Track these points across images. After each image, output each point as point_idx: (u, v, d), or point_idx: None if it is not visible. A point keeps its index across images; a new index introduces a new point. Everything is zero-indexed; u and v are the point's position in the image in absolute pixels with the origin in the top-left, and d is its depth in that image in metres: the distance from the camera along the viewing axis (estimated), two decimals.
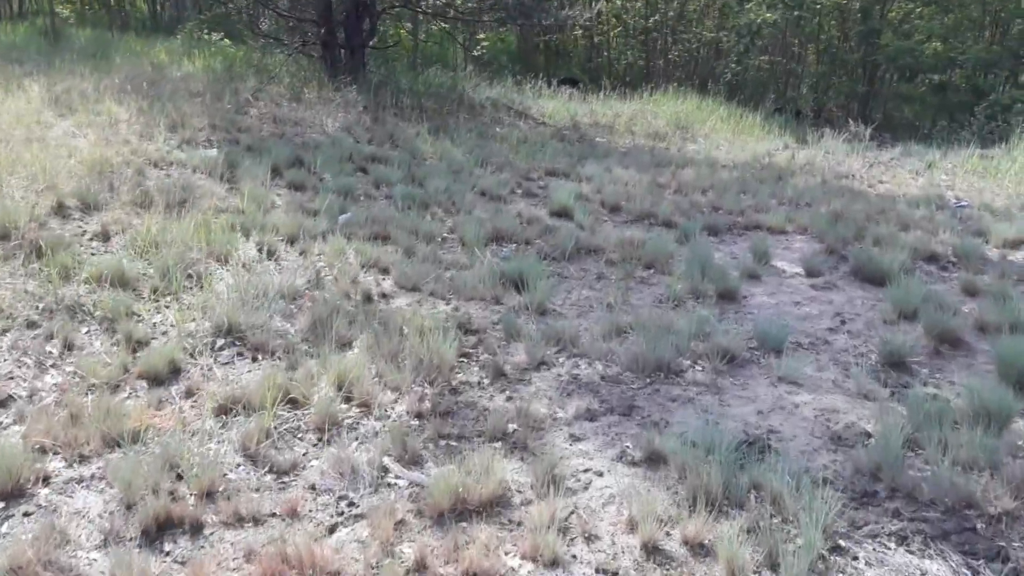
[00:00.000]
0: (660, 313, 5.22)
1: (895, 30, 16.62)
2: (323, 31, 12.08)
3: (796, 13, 15.46)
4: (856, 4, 16.68)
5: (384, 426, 3.69)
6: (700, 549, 2.96)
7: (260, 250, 5.72)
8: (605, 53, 19.54)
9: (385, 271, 5.63)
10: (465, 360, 4.35)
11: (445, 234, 6.63)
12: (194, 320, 4.53)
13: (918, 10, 16.79)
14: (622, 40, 19.50)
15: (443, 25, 14.59)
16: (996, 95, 14.36)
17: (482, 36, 16.00)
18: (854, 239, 7.12)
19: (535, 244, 6.54)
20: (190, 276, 5.11)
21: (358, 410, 3.81)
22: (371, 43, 12.95)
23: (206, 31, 15.12)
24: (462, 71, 15.03)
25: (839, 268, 6.45)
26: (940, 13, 16.23)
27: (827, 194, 8.87)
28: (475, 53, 15.74)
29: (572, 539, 2.99)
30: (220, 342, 4.33)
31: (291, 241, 5.99)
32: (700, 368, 4.46)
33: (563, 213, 7.46)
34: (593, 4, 17.67)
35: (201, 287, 4.97)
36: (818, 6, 15.39)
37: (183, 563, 2.82)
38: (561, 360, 4.46)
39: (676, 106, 14.27)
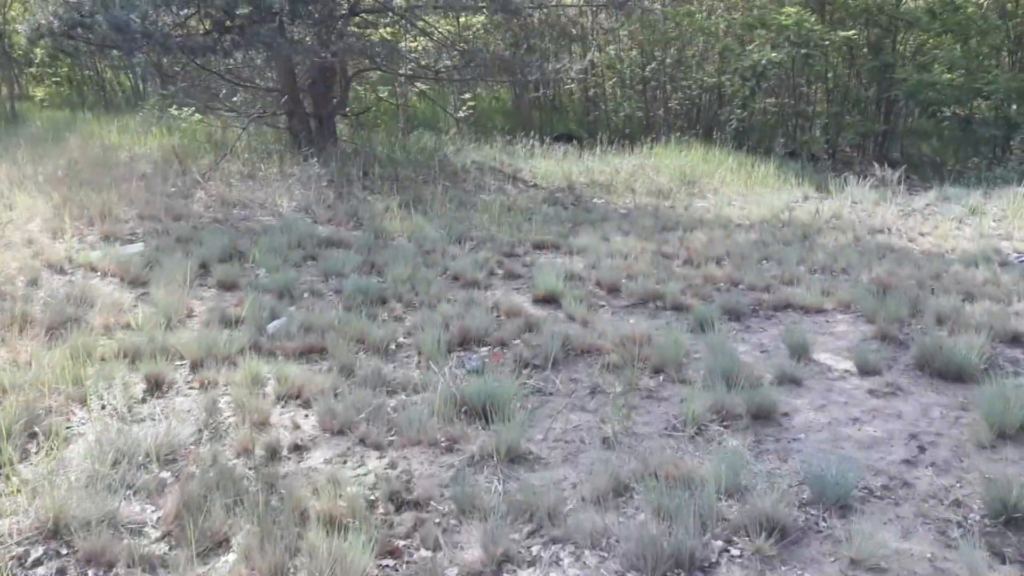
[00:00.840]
0: (675, 450, 3.86)
1: (910, 63, 15.46)
2: (286, 99, 11.01)
3: (803, 51, 14.34)
4: (865, 39, 15.57)
5: None
6: None
7: (149, 385, 4.42)
8: (602, 106, 18.50)
9: (307, 404, 4.30)
10: (389, 567, 2.98)
11: (401, 338, 5.33)
12: (14, 515, 3.20)
13: (931, 40, 15.65)
14: (619, 91, 18.47)
15: (421, 87, 13.53)
16: None
17: (468, 96, 14.95)
18: (910, 317, 5.76)
19: (513, 347, 5.21)
20: (34, 436, 3.80)
21: None
22: (342, 110, 11.87)
23: (173, 105, 14.17)
24: (446, 134, 13.93)
25: (899, 359, 5.07)
26: (958, 42, 15.07)
27: (864, 255, 7.54)
28: (461, 113, 14.66)
29: None
30: (37, 553, 2.99)
31: (195, 367, 4.70)
32: (737, 554, 3.07)
33: (550, 299, 6.16)
34: (584, 56, 16.69)
35: (48, 452, 3.66)
36: (826, 42, 14.28)
37: None
38: (534, 551, 3.08)
39: (680, 159, 13.07)
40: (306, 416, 4.22)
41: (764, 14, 15.39)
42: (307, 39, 9.97)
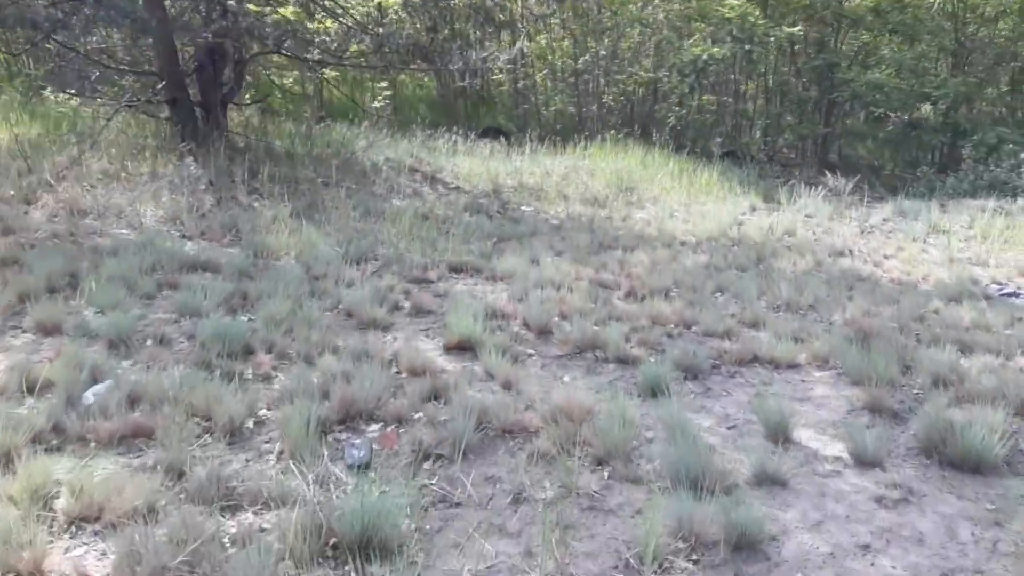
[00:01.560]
0: None
1: (855, 63, 14.80)
2: (166, 85, 9.47)
3: (747, 47, 13.48)
4: (808, 36, 14.82)
5: None
6: None
7: None
8: (532, 99, 17.36)
9: (109, 530, 3.00)
10: None
11: (263, 411, 4.05)
12: None
13: (876, 40, 15.02)
14: (550, 84, 17.36)
15: (329, 74, 12.11)
16: (980, 134, 12.50)
17: (384, 84, 13.58)
18: (900, 374, 4.77)
19: (412, 424, 4.00)
20: None
21: None
22: (233, 99, 10.37)
23: (43, 87, 12.38)
24: (357, 127, 12.54)
25: (899, 440, 4.07)
26: (904, 43, 14.47)
27: (831, 287, 6.58)
28: (376, 104, 13.28)
29: None
30: None
31: None
32: None
33: (466, 347, 4.97)
34: (513, 45, 15.50)
35: None
36: (771, 38, 13.45)
37: None
38: None
39: (616, 161, 12.03)
40: (102, 556, 2.92)
41: (705, 6, 14.48)
42: (186, 15, 8.48)
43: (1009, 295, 6.60)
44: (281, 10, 11.61)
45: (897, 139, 16.84)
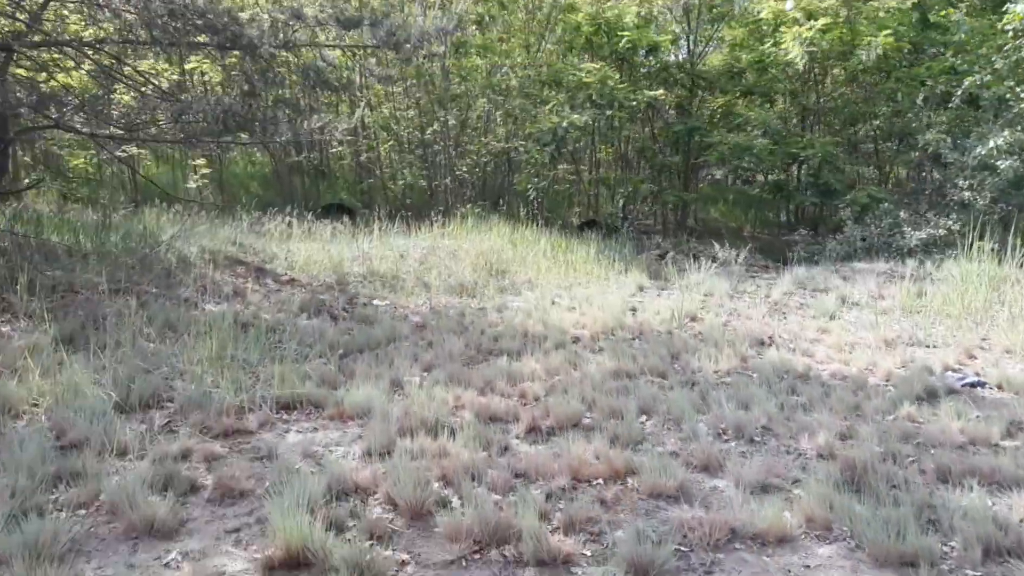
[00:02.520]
0: None
1: (716, 126, 14.25)
2: None
3: (608, 113, 12.54)
4: (669, 100, 14.17)
5: None
6: None
7: None
8: (377, 173, 15.76)
9: None
10: None
11: None
12: None
13: (734, 102, 14.58)
14: (396, 156, 15.84)
15: (122, 152, 10.00)
16: (853, 195, 12.02)
17: (200, 162, 11.57)
18: (923, 534, 3.37)
19: None
20: None
21: None
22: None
23: None
24: (166, 214, 10.42)
25: None
26: (764, 103, 14.07)
27: (774, 393, 5.23)
28: (192, 184, 11.22)
29: None
30: None
31: None
32: None
33: (298, 563, 3.14)
34: (352, 114, 13.93)
35: None
36: (633, 103, 12.58)
37: None
38: None
39: (481, 240, 10.55)
40: None
41: (560, 71, 13.51)
42: None
43: (973, 385, 5.52)
44: (61, 76, 9.49)
45: (752, 201, 16.54)
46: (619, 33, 13.07)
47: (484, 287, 8.65)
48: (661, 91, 13.05)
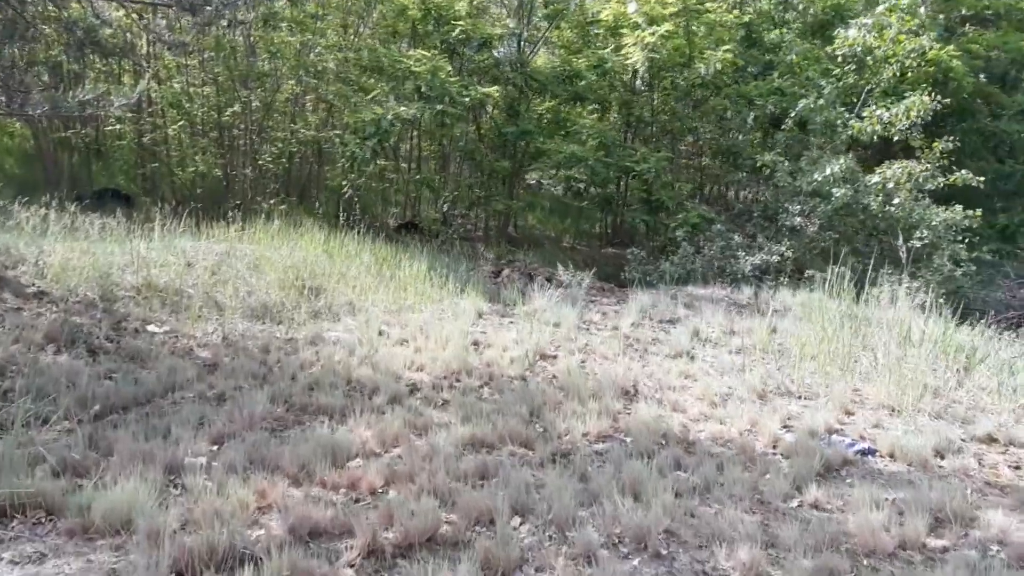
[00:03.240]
0: None
1: (546, 133, 13.50)
2: None
3: (439, 108, 11.36)
4: (502, 100, 13.23)
5: None
6: None
7: None
8: (164, 156, 13.58)
9: None
10: None
11: None
12: None
13: (563, 109, 13.92)
14: (187, 139, 13.74)
15: None
16: (684, 214, 11.68)
17: None
18: None
19: None
20: None
21: None
22: None
23: None
24: None
25: None
26: (594, 112, 13.52)
27: (672, 484, 4.32)
28: None
29: None
30: None
31: None
32: None
33: None
34: (136, 86, 11.76)
35: None
36: (466, 99, 11.48)
37: None
38: None
39: (290, 248, 9.02)
40: None
41: (383, 57, 12.15)
42: None
43: (863, 453, 4.93)
44: None
45: (568, 209, 16.10)
46: (452, 22, 11.95)
47: (294, 310, 7.20)
48: (496, 88, 12.05)
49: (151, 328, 6.43)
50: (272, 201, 12.16)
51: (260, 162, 13.02)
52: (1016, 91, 15.25)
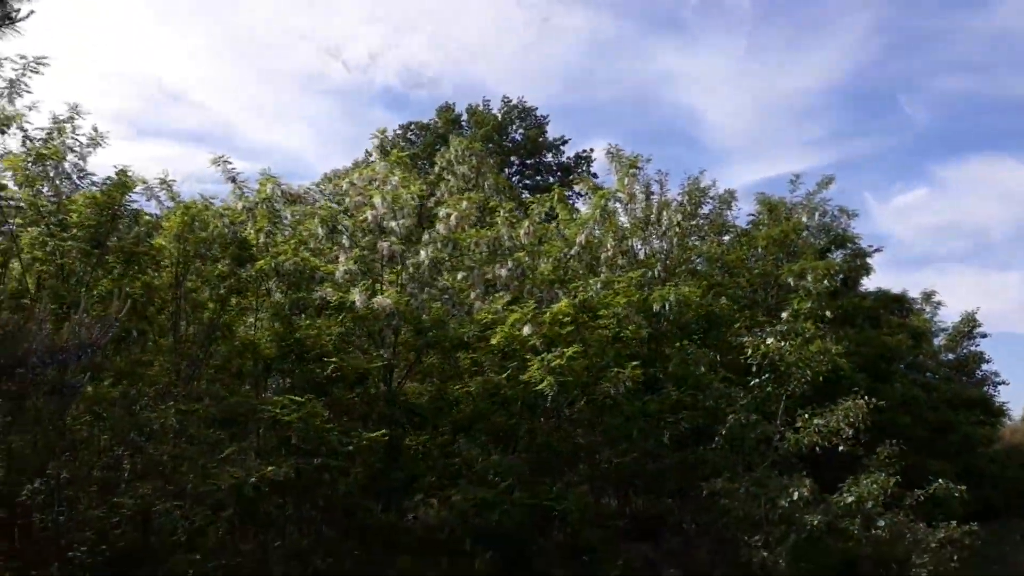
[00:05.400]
0: None
1: (431, 470, 11.66)
2: None
3: (315, 462, 9.25)
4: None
5: None
6: None
7: None
8: None
9: None
10: None
11: None
12: None
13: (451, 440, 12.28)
14: None
15: None
16: (623, 559, 9.92)
17: None
18: None
19: None
20: None
21: None
22: None
23: None
24: None
25: None
26: (484, 443, 11.93)
27: None
28: None
29: None
30: None
31: None
32: None
33: None
34: None
35: None
36: (349, 447, 9.52)
37: None
38: None
39: None
40: None
41: (237, 405, 10.15)
42: None
43: None
44: None
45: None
46: (327, 360, 10.45)
47: None
48: (383, 431, 10.31)
49: None
50: None
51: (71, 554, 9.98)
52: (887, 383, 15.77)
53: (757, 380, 10.93)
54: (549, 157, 30.87)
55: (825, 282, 14.63)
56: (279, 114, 55.28)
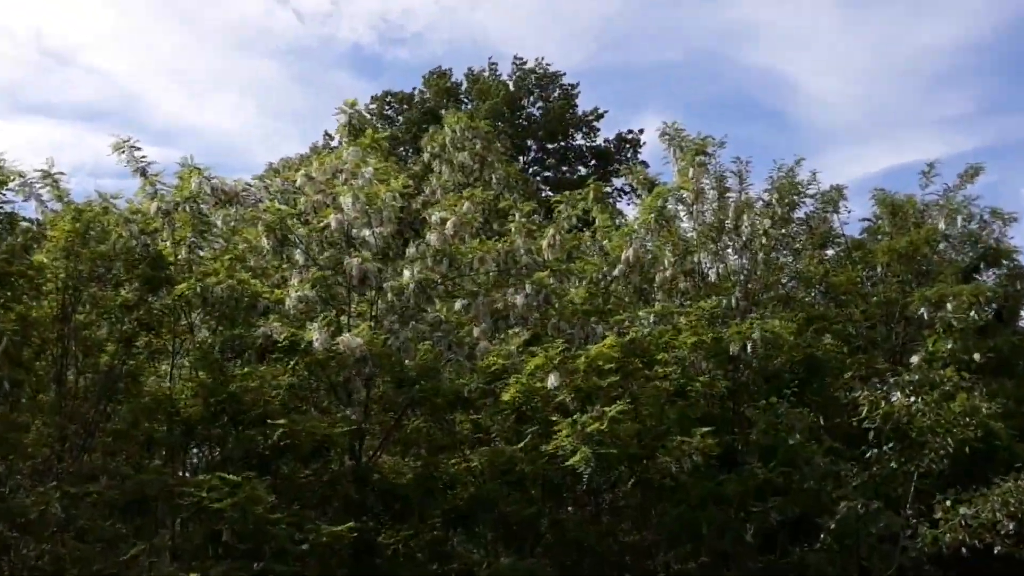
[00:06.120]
0: None
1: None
2: None
3: (256, 567, 9.47)
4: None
5: None
6: None
7: None
8: None
9: None
10: None
11: None
12: None
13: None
14: None
15: None
16: None
17: None
18: None
19: None
20: None
21: None
22: None
23: None
24: None
25: None
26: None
27: None
28: None
29: None
30: None
31: None
32: None
33: None
34: None
35: None
36: (303, 545, 9.72)
37: None
38: None
39: None
40: None
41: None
42: None
43: None
44: None
45: None
46: (272, 423, 10.64)
47: None
48: (350, 524, 10.49)
49: None
50: None
51: None
52: None
53: (876, 452, 10.96)
54: (580, 140, 31.37)
55: (972, 314, 14.68)
56: (207, 82, 56.31)
